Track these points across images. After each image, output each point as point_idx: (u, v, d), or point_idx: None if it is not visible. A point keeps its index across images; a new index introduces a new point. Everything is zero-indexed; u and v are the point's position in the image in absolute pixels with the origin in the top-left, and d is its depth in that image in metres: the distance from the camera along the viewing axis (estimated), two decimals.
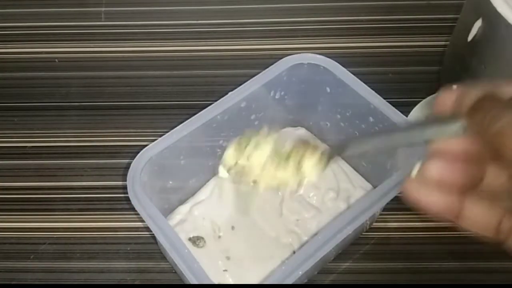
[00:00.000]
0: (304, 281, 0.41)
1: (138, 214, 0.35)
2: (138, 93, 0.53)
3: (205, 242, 0.42)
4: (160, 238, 0.34)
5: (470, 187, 0.23)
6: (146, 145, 0.38)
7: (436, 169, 0.23)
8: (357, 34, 0.57)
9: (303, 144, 0.36)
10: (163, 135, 0.38)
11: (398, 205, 0.42)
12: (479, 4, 0.34)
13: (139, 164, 0.37)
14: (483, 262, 0.43)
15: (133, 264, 0.43)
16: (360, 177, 0.45)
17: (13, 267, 0.43)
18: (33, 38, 0.57)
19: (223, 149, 0.44)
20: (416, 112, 0.50)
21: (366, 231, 0.44)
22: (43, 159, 0.49)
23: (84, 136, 0.50)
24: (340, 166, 0.46)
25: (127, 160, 0.46)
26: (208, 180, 0.45)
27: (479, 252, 0.43)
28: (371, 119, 0.41)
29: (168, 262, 0.43)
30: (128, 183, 0.36)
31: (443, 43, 0.55)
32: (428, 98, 0.51)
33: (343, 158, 0.46)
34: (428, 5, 0.60)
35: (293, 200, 0.43)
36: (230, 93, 0.40)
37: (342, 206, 0.43)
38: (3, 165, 0.48)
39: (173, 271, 0.43)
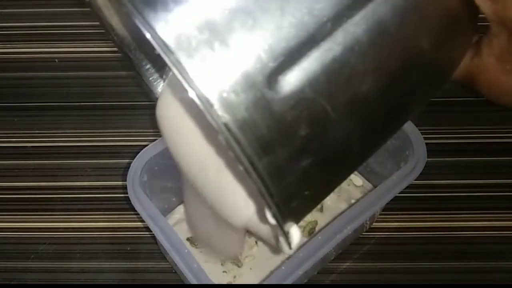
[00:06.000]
0: (304, 281, 0.41)
1: (138, 214, 0.35)
2: (138, 93, 0.53)
3: None
4: (160, 238, 0.34)
5: None
6: (146, 145, 0.38)
7: None
8: None
9: None
10: None
11: (398, 205, 0.43)
12: None
13: (139, 164, 0.37)
14: (483, 262, 0.43)
15: (133, 264, 0.43)
16: (360, 177, 0.45)
17: (13, 267, 0.43)
18: (33, 38, 0.57)
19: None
20: None
21: (366, 231, 0.44)
22: (43, 159, 0.49)
23: (84, 136, 0.50)
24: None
25: (127, 160, 0.46)
26: None
27: (479, 252, 0.43)
28: None
29: (168, 262, 0.43)
30: (128, 183, 0.36)
31: None
32: None
33: None
34: None
35: None
36: None
37: (343, 206, 0.43)
38: (3, 165, 0.48)
39: (173, 271, 0.43)
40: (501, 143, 0.49)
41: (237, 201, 0.26)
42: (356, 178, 0.45)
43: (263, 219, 0.25)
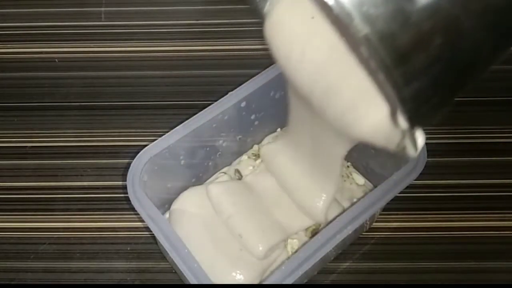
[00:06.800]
0: (304, 281, 0.41)
1: (138, 214, 0.35)
2: (138, 93, 0.53)
3: None
4: (160, 238, 0.34)
5: None
6: (146, 145, 0.38)
7: None
8: None
9: None
10: (163, 135, 0.38)
11: (398, 205, 0.43)
12: None
13: (139, 164, 0.37)
14: (483, 262, 0.43)
15: (133, 264, 0.43)
16: (361, 176, 0.45)
17: (13, 267, 0.43)
18: (33, 38, 0.57)
19: (223, 149, 0.44)
20: None
21: (366, 231, 0.44)
22: (43, 159, 0.49)
23: (84, 136, 0.50)
24: (342, 165, 0.46)
25: (127, 160, 0.46)
26: (207, 180, 0.45)
27: (479, 252, 0.43)
28: None
29: (168, 262, 0.43)
30: (128, 183, 0.36)
31: None
32: None
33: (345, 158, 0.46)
34: None
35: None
36: (230, 93, 0.40)
37: (345, 206, 0.43)
38: (3, 165, 0.48)
39: (173, 271, 0.43)
40: (501, 143, 0.49)
41: (364, 107, 0.27)
42: (358, 177, 0.45)
43: (389, 124, 0.26)
